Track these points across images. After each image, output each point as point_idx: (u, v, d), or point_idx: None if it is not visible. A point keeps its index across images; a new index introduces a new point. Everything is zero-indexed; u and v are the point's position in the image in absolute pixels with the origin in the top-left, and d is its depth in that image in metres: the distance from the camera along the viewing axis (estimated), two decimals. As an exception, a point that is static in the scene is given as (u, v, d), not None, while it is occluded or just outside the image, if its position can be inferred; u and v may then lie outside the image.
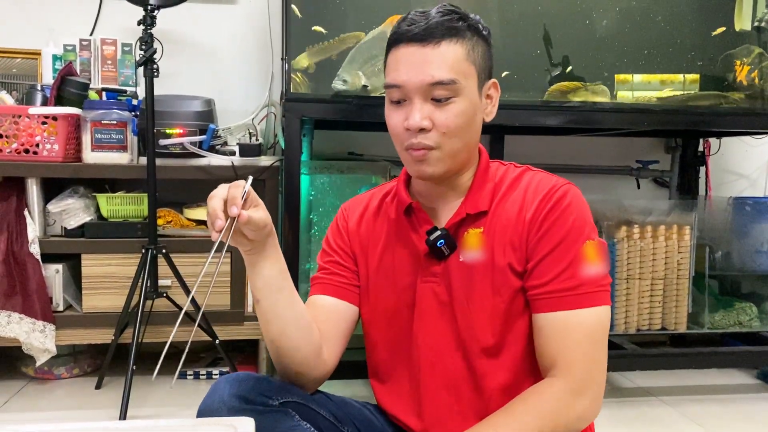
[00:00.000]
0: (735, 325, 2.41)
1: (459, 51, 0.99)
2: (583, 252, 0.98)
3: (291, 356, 1.04)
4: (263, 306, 1.02)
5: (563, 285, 0.97)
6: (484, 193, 1.06)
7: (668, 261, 2.29)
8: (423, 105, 0.99)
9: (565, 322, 0.96)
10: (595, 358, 0.96)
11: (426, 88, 0.98)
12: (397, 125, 1.02)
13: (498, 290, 1.02)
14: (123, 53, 2.44)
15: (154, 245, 2.02)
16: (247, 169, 2.20)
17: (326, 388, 1.15)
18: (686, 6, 2.11)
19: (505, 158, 2.69)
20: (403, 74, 0.99)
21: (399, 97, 1.01)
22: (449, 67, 0.98)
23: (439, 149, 1.00)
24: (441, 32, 0.98)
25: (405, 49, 0.99)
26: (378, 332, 1.14)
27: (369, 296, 1.13)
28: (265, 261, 1.00)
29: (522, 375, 1.03)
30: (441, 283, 1.06)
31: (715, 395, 2.28)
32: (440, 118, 0.99)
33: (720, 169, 2.89)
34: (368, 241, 1.14)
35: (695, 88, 2.12)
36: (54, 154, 2.11)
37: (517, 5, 2.03)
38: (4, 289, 2.07)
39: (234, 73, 2.60)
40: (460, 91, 0.99)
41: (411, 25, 0.99)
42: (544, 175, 1.06)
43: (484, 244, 1.03)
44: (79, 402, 2.09)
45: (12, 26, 2.48)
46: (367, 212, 1.17)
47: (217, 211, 0.90)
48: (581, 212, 1.01)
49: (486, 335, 1.03)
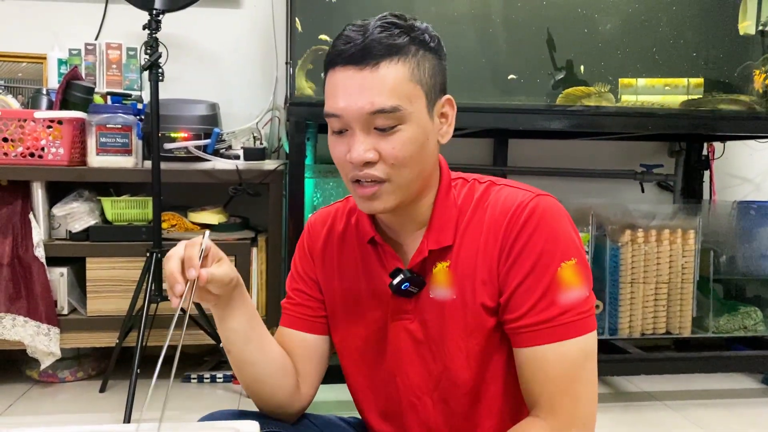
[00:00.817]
0: (740, 330, 2.40)
1: (401, 72, 0.87)
2: (558, 277, 0.88)
3: (267, 399, 1.03)
4: (234, 356, 0.99)
5: (540, 317, 0.88)
6: (446, 223, 0.96)
7: (673, 265, 2.29)
8: (366, 136, 0.88)
9: (545, 358, 0.88)
10: (579, 395, 0.88)
11: (366, 117, 0.87)
12: (340, 157, 0.91)
13: (471, 332, 0.95)
14: (128, 57, 2.45)
15: (159, 249, 2.03)
16: (252, 173, 2.20)
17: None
18: (690, 10, 2.11)
19: (509, 162, 2.69)
20: (341, 102, 0.87)
21: (339, 127, 0.90)
22: (390, 92, 0.86)
23: (390, 182, 0.90)
24: (380, 51, 0.86)
25: (341, 73, 0.88)
26: (351, 364, 1.07)
27: (337, 328, 1.06)
28: (234, 312, 0.95)
29: (505, 413, 0.98)
30: (414, 320, 0.99)
31: (720, 400, 2.27)
32: (386, 148, 0.88)
33: (724, 173, 2.89)
34: (332, 270, 1.06)
35: (699, 91, 2.12)
36: (59, 158, 2.12)
37: (521, 9, 2.04)
38: (9, 293, 2.07)
39: (238, 77, 2.61)
40: (405, 118, 0.87)
41: (347, 43, 0.87)
42: (510, 190, 0.95)
43: (453, 280, 0.95)
44: (83, 405, 2.10)
45: (18, 31, 2.49)
46: (332, 235, 1.07)
47: (174, 274, 0.84)
48: (553, 230, 0.90)
49: (463, 376, 0.96)
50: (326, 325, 1.07)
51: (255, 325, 0.99)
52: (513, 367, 0.94)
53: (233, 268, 0.92)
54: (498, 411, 0.98)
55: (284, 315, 1.09)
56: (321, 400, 1.15)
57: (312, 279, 1.08)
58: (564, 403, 0.88)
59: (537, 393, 0.89)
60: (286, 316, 1.08)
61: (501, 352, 0.96)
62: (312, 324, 1.06)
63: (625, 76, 2.09)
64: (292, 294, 1.09)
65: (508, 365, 0.96)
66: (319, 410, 1.15)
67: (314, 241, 1.09)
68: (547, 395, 0.88)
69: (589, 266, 0.94)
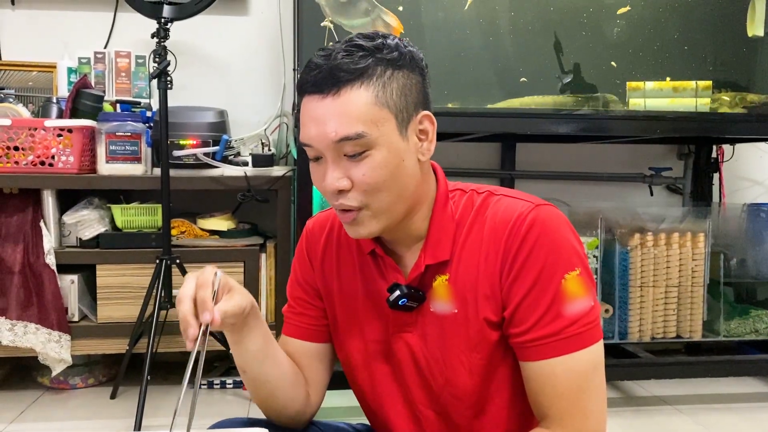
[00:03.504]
0: (751, 333, 2.39)
1: (364, 97, 0.84)
2: (562, 289, 0.87)
3: (280, 411, 1.03)
4: (249, 376, 0.99)
5: (545, 330, 0.87)
6: (443, 237, 0.94)
7: (682, 268, 2.28)
8: (336, 164, 0.87)
9: (553, 371, 0.87)
10: (589, 407, 0.87)
11: (333, 145, 0.85)
12: (318, 185, 0.91)
13: (474, 346, 0.93)
14: (137, 65, 2.47)
15: (168, 255, 2.04)
16: (260, 179, 2.21)
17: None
18: (698, 12, 2.10)
19: (517, 166, 2.69)
20: (310, 131, 0.87)
21: (314, 155, 0.89)
22: (354, 119, 0.84)
23: (367, 208, 0.88)
24: (342, 77, 0.84)
25: (308, 102, 0.87)
26: (352, 373, 1.07)
27: (338, 337, 1.06)
28: (249, 335, 0.95)
29: (512, 424, 0.97)
30: (414, 332, 0.97)
31: (731, 404, 2.26)
32: (357, 175, 0.86)
33: (734, 176, 2.87)
34: (332, 276, 1.05)
35: (708, 94, 2.12)
36: (69, 166, 2.13)
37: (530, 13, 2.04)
38: (20, 300, 2.09)
39: (246, 84, 2.62)
40: (372, 143, 0.85)
41: (312, 70, 0.86)
42: (509, 201, 0.93)
43: (453, 294, 0.94)
44: (94, 412, 2.11)
45: (28, 40, 2.51)
46: (331, 241, 1.06)
47: (188, 318, 0.83)
48: (554, 241, 0.88)
49: (466, 390, 0.95)
50: (328, 332, 1.07)
51: (269, 344, 0.98)
52: (518, 378, 0.93)
53: (245, 295, 0.91)
54: (503, 422, 0.97)
55: (286, 323, 1.08)
56: (330, 405, 1.15)
57: (312, 287, 1.07)
58: (574, 416, 0.87)
59: (546, 406, 0.88)
60: (288, 325, 1.08)
61: (506, 365, 0.94)
62: (314, 333, 1.06)
63: (633, 79, 2.09)
64: (294, 302, 1.08)
65: (513, 377, 0.94)
66: (327, 417, 1.15)
67: (313, 246, 1.07)
68: (557, 409, 0.87)
69: (592, 274, 0.92)
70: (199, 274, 0.87)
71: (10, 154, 2.11)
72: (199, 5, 2.05)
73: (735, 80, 2.14)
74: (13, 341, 2.07)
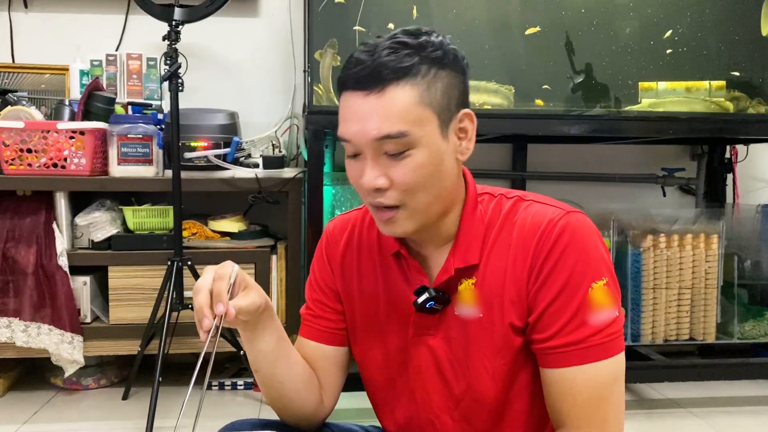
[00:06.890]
0: (765, 336, 2.36)
1: (409, 96, 0.83)
2: (588, 298, 0.87)
3: (293, 413, 1.02)
4: (261, 375, 0.99)
5: (569, 338, 0.86)
6: (473, 240, 0.94)
7: (696, 270, 2.26)
8: (376, 162, 0.86)
9: (574, 380, 0.86)
10: (607, 417, 0.87)
11: (375, 143, 0.84)
12: (355, 181, 0.90)
13: (498, 351, 0.92)
14: (148, 68, 2.48)
15: (180, 257, 2.04)
16: (271, 181, 2.21)
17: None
18: (711, 12, 2.09)
19: (528, 167, 2.68)
20: (351, 127, 0.86)
21: (352, 151, 0.88)
22: (397, 118, 0.83)
23: (404, 207, 0.88)
24: (387, 75, 0.83)
25: (350, 97, 0.86)
26: (370, 377, 1.06)
27: (357, 341, 1.05)
28: (263, 334, 0.95)
29: (530, 430, 0.97)
30: (437, 335, 0.97)
31: (746, 407, 2.24)
32: (397, 174, 0.85)
33: (748, 176, 2.85)
34: (352, 280, 1.04)
35: (721, 94, 2.10)
36: (81, 168, 2.15)
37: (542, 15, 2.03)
38: (33, 302, 2.10)
39: (257, 86, 2.62)
40: (414, 143, 0.84)
41: (356, 66, 0.85)
42: (539, 207, 0.92)
43: (479, 298, 0.93)
44: (106, 413, 2.12)
45: (40, 43, 2.53)
46: (352, 243, 1.05)
47: (203, 309, 0.83)
48: (584, 249, 0.88)
49: (488, 395, 0.94)
50: (346, 336, 1.06)
51: (283, 344, 0.98)
52: (538, 384, 0.93)
53: (260, 293, 0.91)
54: (522, 427, 0.96)
55: (304, 325, 1.08)
56: (341, 407, 1.15)
57: (332, 289, 1.06)
58: (592, 425, 0.87)
59: (564, 413, 0.88)
60: (306, 327, 1.07)
61: (526, 370, 0.94)
62: (332, 336, 1.05)
63: (646, 79, 2.07)
64: (312, 305, 1.07)
65: (533, 382, 0.94)
66: (340, 419, 1.14)
67: (333, 249, 1.06)
68: (575, 417, 0.87)
69: (618, 285, 0.92)
70: (218, 267, 0.88)
71: (23, 157, 2.12)
72: (210, 8, 2.06)
73: (749, 80, 2.11)
74: (26, 342, 2.09)
